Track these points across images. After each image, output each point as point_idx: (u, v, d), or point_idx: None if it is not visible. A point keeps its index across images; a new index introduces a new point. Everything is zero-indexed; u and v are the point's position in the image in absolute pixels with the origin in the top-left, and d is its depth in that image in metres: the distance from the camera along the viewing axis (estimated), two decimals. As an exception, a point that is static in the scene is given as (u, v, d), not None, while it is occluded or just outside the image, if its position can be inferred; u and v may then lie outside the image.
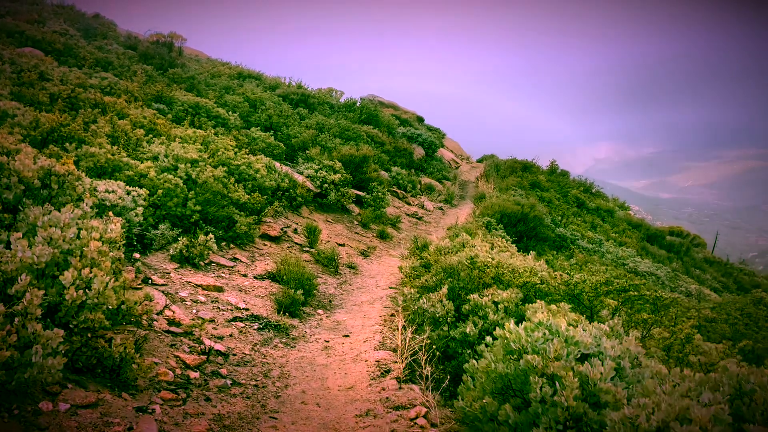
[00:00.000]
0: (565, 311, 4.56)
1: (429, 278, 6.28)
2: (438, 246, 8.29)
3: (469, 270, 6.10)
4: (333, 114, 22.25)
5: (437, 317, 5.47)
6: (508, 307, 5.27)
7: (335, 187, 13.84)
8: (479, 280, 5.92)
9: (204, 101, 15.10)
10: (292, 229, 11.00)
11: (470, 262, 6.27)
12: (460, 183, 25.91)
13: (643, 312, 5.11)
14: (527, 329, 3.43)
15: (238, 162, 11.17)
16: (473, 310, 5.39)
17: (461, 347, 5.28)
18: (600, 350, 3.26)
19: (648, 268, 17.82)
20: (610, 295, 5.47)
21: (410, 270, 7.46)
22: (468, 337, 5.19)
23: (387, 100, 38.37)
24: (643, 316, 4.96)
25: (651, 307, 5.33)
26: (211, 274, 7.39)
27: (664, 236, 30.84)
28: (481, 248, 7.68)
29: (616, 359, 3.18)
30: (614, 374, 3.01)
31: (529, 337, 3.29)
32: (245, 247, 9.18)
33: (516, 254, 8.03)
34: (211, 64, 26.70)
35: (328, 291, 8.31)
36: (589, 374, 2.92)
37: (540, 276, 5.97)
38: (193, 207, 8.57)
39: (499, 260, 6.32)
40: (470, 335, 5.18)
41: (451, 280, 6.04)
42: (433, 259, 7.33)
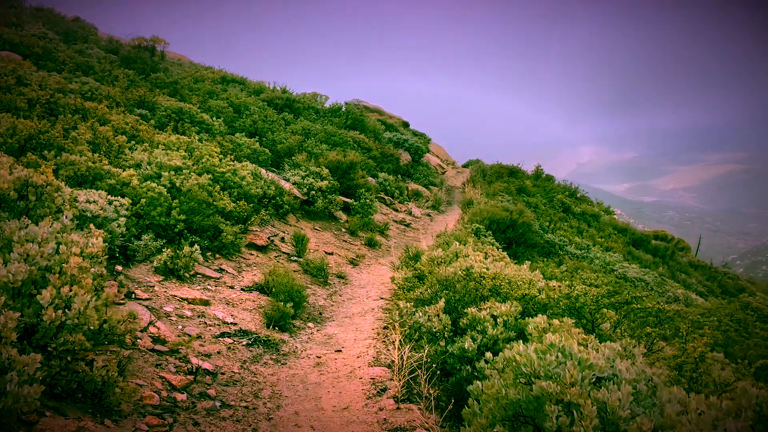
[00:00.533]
0: (568, 326, 4.39)
1: (424, 291, 6.09)
2: (431, 256, 8.10)
3: (464, 282, 5.92)
4: (318, 119, 22.02)
5: (434, 332, 5.27)
6: (508, 321, 5.09)
7: (322, 194, 13.62)
8: (476, 292, 5.73)
9: (187, 106, 14.81)
10: (279, 238, 10.75)
11: (466, 273, 6.09)
12: (447, 188, 25.80)
13: (647, 325, 4.97)
14: (538, 351, 3.25)
15: (223, 169, 10.92)
16: (471, 324, 5.20)
17: (459, 363, 5.09)
18: (614, 372, 3.09)
19: (636, 273, 17.79)
20: (612, 308, 5.32)
21: (403, 281, 7.27)
22: (466, 352, 5.01)
23: (372, 105, 38.23)
24: (646, 330, 4.81)
25: (654, 320, 5.19)
26: (197, 286, 7.13)
27: (649, 240, 30.95)
28: (475, 258, 7.50)
29: (632, 382, 3.00)
30: (631, 399, 2.84)
31: (541, 361, 3.11)
32: (231, 257, 8.93)
33: (510, 263, 7.87)
34: (194, 69, 26.36)
35: (318, 302, 8.08)
36: (607, 401, 2.74)
37: (539, 288, 5.80)
38: (178, 216, 8.31)
39: (495, 272, 6.15)
40: (469, 351, 5.00)
41: (446, 292, 5.86)
42: (426, 270, 7.15)
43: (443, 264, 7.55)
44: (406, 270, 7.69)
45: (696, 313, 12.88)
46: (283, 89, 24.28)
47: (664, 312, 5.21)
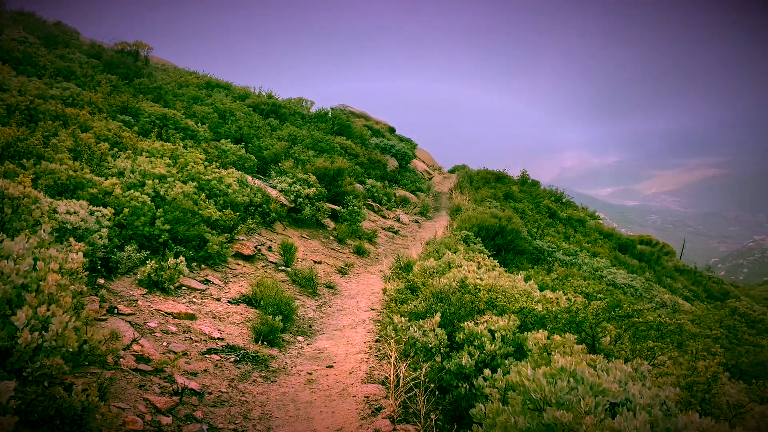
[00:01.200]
0: (571, 343, 4.23)
1: (418, 304, 5.91)
2: (423, 266, 7.92)
3: (459, 294, 5.75)
4: (305, 125, 21.80)
5: (430, 347, 5.09)
6: (506, 336, 4.93)
7: (310, 201, 13.41)
8: (471, 305, 5.56)
9: (172, 112, 14.52)
10: (266, 247, 10.53)
11: (460, 285, 5.92)
12: (434, 194, 25.68)
13: (649, 339, 4.83)
14: (546, 375, 3.08)
15: (209, 177, 10.68)
16: (468, 339, 5.03)
17: (456, 380, 4.91)
18: (628, 397, 2.93)
19: (624, 279, 17.74)
20: (613, 321, 5.18)
21: (395, 293, 7.08)
22: (464, 369, 4.83)
23: (358, 110, 38.09)
24: (648, 344, 4.67)
25: (655, 333, 5.06)
26: (182, 299, 6.89)
27: (634, 245, 31.02)
28: (468, 268, 7.34)
29: (646, 408, 2.84)
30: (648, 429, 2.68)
31: (551, 387, 2.94)
32: (218, 267, 8.69)
33: (503, 273, 7.72)
34: (178, 74, 26.01)
35: (308, 314, 7.86)
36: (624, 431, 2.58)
37: (537, 300, 5.65)
38: (162, 226, 8.06)
39: (492, 283, 5.99)
40: (466, 367, 4.82)
41: (441, 305, 5.68)
42: (420, 282, 6.97)
43: (436, 274, 7.38)
44: (398, 281, 7.51)
45: (686, 319, 12.82)
46: (269, 94, 24.04)
47: (665, 325, 5.08)
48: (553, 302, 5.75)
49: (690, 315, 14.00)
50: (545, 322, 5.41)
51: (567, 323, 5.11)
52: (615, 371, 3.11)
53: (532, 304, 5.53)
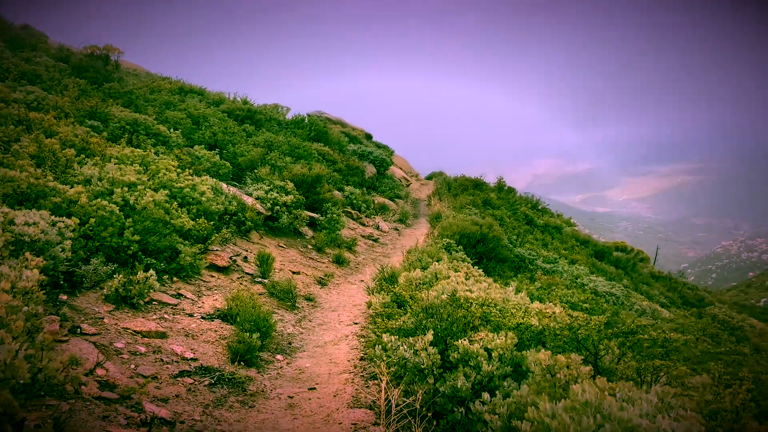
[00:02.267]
0: (577, 364, 3.90)
1: (407, 320, 5.55)
2: (409, 277, 7.57)
3: (451, 309, 5.41)
4: (281, 131, 21.33)
5: (422, 368, 4.73)
6: (504, 355, 4.59)
7: (287, 209, 12.98)
8: (465, 320, 5.22)
9: (143, 117, 13.98)
10: (242, 258, 10.07)
11: (451, 299, 5.58)
12: (412, 201, 25.40)
13: (655, 358, 4.55)
14: (567, 409, 2.75)
15: (182, 184, 10.20)
16: (463, 359, 4.68)
17: (451, 404, 4.56)
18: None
19: (605, 287, 17.62)
20: (615, 338, 4.88)
21: (381, 307, 6.72)
22: (459, 392, 4.48)
23: (334, 117, 37.73)
24: (655, 362, 4.39)
25: (660, 350, 4.78)
26: (153, 315, 6.43)
27: (610, 252, 31.10)
28: (456, 279, 7.01)
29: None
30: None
31: (576, 426, 2.61)
32: (191, 280, 8.23)
33: (492, 284, 7.41)
34: (150, 79, 25.37)
35: (287, 330, 7.43)
36: (661, 476, 2.26)
37: (535, 314, 5.33)
38: (131, 237, 7.58)
39: (481, 296, 5.66)
40: (462, 390, 4.47)
41: (432, 320, 5.32)
42: (407, 295, 6.61)
43: (423, 286, 7.04)
44: (383, 294, 7.14)
45: (669, 328, 12.67)
46: (244, 100, 23.54)
47: (670, 341, 4.81)
48: (550, 317, 5.44)
49: (673, 323, 13.86)
50: (543, 338, 5.09)
51: (569, 341, 4.79)
52: (641, 403, 2.79)
53: (530, 320, 5.21)
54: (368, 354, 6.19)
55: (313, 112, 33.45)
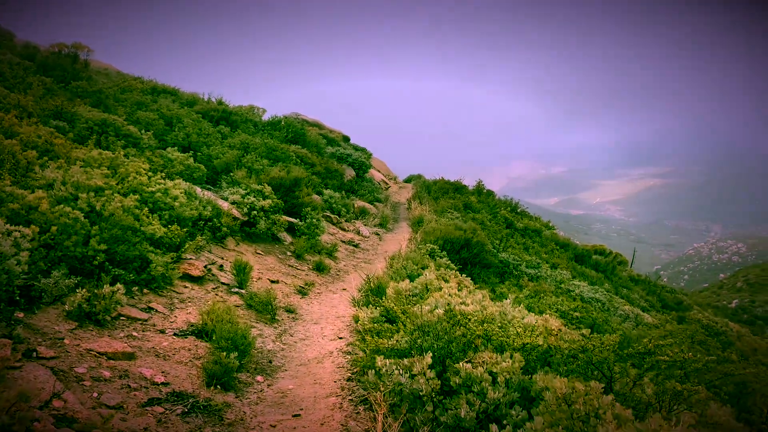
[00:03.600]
0: (597, 393, 3.49)
1: (400, 339, 5.09)
2: (397, 288, 7.11)
3: (448, 326, 4.97)
4: (257, 133, 20.74)
5: (421, 394, 4.28)
6: (510, 380, 4.16)
7: (265, 214, 12.44)
8: (464, 339, 4.78)
9: (113, 118, 13.31)
10: (217, 266, 9.52)
11: (448, 315, 5.14)
12: (392, 205, 24.97)
13: (674, 381, 4.17)
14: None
15: (153, 188, 9.62)
16: (465, 384, 4.24)
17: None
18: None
19: (589, 292, 17.37)
20: (631, 359, 4.50)
21: (370, 322, 6.24)
22: (463, 422, 4.04)
23: (311, 119, 37.16)
24: (675, 386, 4.01)
25: (679, 372, 4.40)
26: (120, 333, 5.87)
27: (590, 255, 31.01)
28: (449, 290, 6.57)
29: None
30: None
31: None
32: (162, 291, 7.67)
33: (486, 296, 6.97)
34: (121, 78, 24.53)
35: (266, 346, 6.91)
36: None
37: (540, 333, 4.91)
38: (97, 246, 7.00)
39: (483, 313, 5.23)
40: (466, 420, 4.03)
41: (427, 338, 4.87)
42: (398, 310, 6.14)
43: (414, 298, 6.59)
44: (371, 308, 6.67)
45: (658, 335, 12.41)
46: (219, 101, 22.89)
47: (689, 362, 4.44)
48: (556, 335, 5.03)
49: (661, 330, 13.62)
50: (549, 358, 4.68)
51: (584, 363, 4.39)
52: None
53: (537, 340, 4.79)
54: (356, 375, 5.72)
55: (289, 114, 32.85)
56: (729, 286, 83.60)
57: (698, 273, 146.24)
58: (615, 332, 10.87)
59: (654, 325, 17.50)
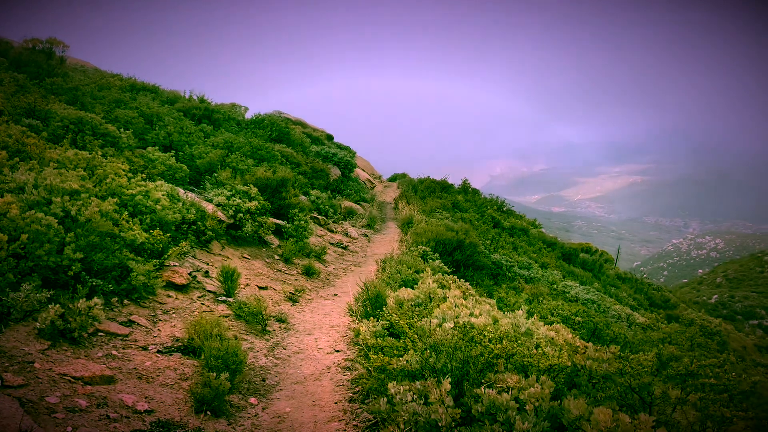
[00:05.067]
0: (648, 427, 3.06)
1: (410, 358, 4.63)
2: (398, 299, 6.64)
3: (463, 343, 4.52)
4: (241, 131, 20.12)
5: (439, 425, 3.82)
6: (540, 408, 3.72)
7: (251, 216, 11.91)
8: (482, 358, 4.34)
9: (90, 116, 12.65)
10: (202, 273, 8.98)
11: (462, 331, 4.69)
12: (378, 204, 24.51)
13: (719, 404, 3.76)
14: None
15: (133, 191, 9.05)
16: (489, 412, 3.79)
17: (476, 470, 3.66)
18: None
19: (582, 293, 17.06)
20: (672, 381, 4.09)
21: (372, 337, 5.76)
22: (488, 457, 3.58)
23: (294, 117, 36.58)
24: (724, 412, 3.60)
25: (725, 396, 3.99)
26: (98, 352, 5.34)
27: (577, 254, 30.84)
28: (453, 299, 6.13)
29: None
30: None
31: None
32: (144, 302, 7.13)
33: (494, 306, 6.54)
34: (99, 75, 23.72)
35: (258, 362, 6.40)
36: None
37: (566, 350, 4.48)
38: (73, 255, 6.44)
39: (502, 329, 4.78)
40: (491, 454, 3.58)
41: (440, 357, 4.42)
42: (404, 324, 5.67)
43: (419, 308, 6.14)
44: (372, 321, 6.18)
45: (657, 338, 12.14)
46: (201, 98, 22.22)
47: (734, 383, 4.04)
48: (583, 353, 4.59)
49: (660, 333, 13.33)
50: (576, 379, 4.26)
51: (624, 389, 3.96)
52: None
53: (564, 360, 4.36)
54: (359, 395, 5.25)
55: (271, 112, 32.23)
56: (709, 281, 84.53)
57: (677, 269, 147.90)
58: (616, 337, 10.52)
59: (648, 325, 17.25)
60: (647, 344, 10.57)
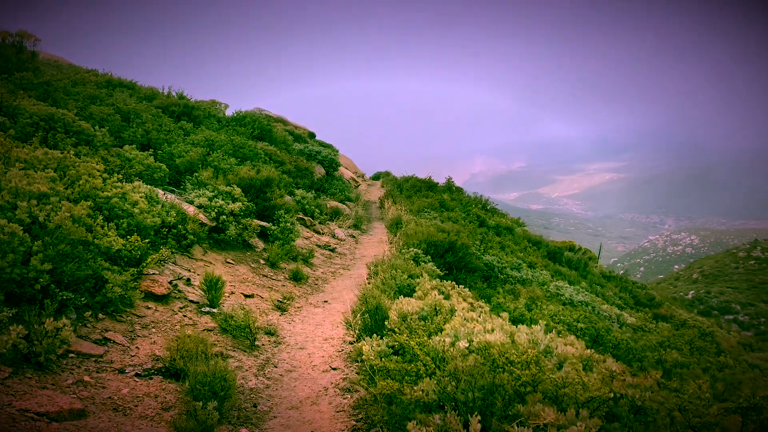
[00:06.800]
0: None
1: (426, 387, 4.09)
2: (401, 312, 6.09)
3: (485, 368, 4.00)
4: (222, 129, 19.38)
5: (467, 472, 3.30)
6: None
7: (235, 218, 11.28)
8: (508, 386, 3.82)
9: (62, 112, 11.89)
10: (184, 281, 8.36)
11: (483, 354, 4.17)
12: (363, 204, 23.95)
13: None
14: None
15: (109, 193, 8.38)
16: (523, 456, 3.28)
17: None
18: None
19: (577, 294, 16.69)
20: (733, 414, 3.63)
21: (377, 358, 5.20)
22: None
23: (275, 114, 35.88)
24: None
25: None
26: (67, 378, 4.72)
27: (562, 253, 30.60)
28: (464, 313, 5.61)
29: None
30: None
31: None
32: (121, 315, 6.51)
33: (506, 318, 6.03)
34: (73, 70, 22.78)
35: (248, 383, 5.81)
36: None
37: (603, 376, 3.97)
38: (40, 266, 5.79)
39: (527, 351, 4.27)
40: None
41: (462, 386, 3.89)
42: (414, 344, 5.11)
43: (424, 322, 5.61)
44: (375, 338, 5.63)
45: (656, 342, 11.79)
46: (180, 94, 21.42)
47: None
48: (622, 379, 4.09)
49: (657, 336, 12.99)
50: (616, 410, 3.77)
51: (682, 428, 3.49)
52: None
53: (606, 391, 3.85)
54: (363, 424, 4.70)
55: (252, 110, 31.49)
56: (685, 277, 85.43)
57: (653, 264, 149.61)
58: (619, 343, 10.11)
59: (639, 326, 16.96)
60: (649, 350, 10.18)
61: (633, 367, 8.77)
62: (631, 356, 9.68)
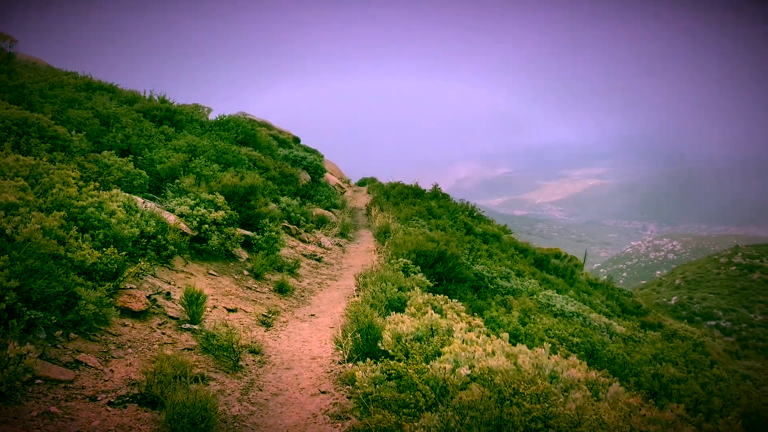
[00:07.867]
0: None
1: (428, 423, 3.74)
2: (395, 332, 5.74)
3: (492, 402, 3.66)
4: (204, 133, 18.92)
5: None
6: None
7: (218, 227, 10.87)
8: (518, 423, 3.48)
9: (36, 116, 11.39)
10: (163, 295, 7.94)
11: (488, 385, 3.83)
12: (350, 211, 23.58)
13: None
14: None
15: (84, 202, 7.95)
16: (539, 505, 2.93)
17: None
18: None
19: (564, 304, 16.44)
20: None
21: (371, 385, 4.83)
22: None
23: (259, 119, 35.40)
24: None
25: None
26: (33, 409, 4.31)
27: (549, 260, 30.44)
28: (462, 335, 5.27)
29: None
30: None
31: None
32: (95, 334, 6.09)
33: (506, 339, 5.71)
34: (51, 73, 22.17)
35: (231, 410, 5.40)
36: None
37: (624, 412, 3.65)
38: (6, 282, 5.36)
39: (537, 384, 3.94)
40: None
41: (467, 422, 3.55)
42: (413, 372, 4.75)
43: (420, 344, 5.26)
44: (369, 363, 5.26)
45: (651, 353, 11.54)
46: (162, 98, 20.91)
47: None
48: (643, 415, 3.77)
49: (652, 348, 12.75)
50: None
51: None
52: None
53: (626, 429, 3.53)
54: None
55: (236, 114, 31.00)
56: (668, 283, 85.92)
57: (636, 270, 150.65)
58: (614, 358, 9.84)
59: (629, 336, 16.75)
60: (644, 364, 9.92)
61: (630, 382, 8.50)
62: (627, 371, 9.41)
